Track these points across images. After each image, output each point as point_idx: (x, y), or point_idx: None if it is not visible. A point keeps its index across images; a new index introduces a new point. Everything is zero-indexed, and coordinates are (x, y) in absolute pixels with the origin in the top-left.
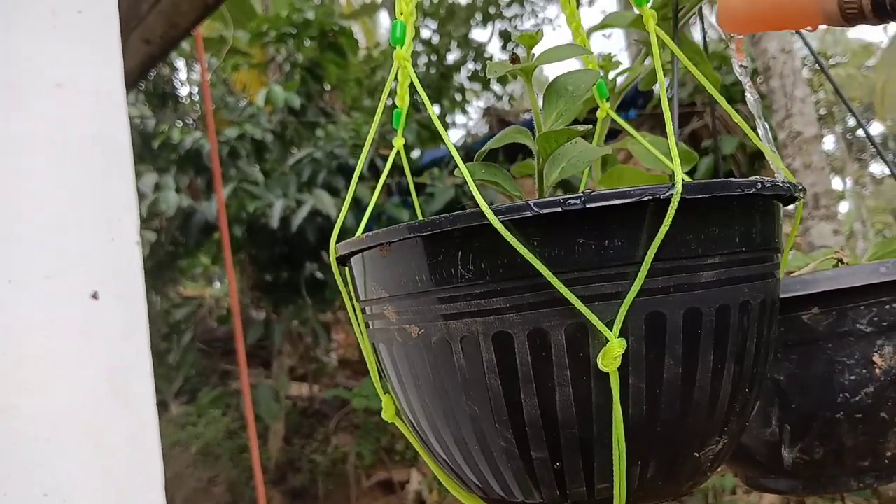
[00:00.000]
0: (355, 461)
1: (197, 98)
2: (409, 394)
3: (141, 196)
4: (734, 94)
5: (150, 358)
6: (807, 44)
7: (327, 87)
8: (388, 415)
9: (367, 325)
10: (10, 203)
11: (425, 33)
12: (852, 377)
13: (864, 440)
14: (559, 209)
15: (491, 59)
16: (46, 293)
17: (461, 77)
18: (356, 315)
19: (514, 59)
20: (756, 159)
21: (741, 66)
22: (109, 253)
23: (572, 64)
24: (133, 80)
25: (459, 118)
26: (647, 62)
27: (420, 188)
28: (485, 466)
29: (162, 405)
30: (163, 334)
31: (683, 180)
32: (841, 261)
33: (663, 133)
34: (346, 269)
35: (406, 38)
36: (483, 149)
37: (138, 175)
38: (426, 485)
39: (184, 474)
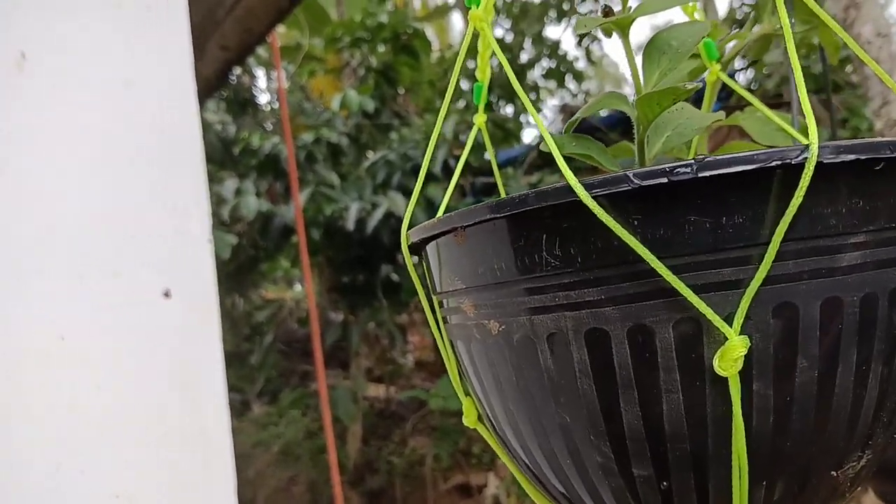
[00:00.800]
0: (432, 464)
1: (276, 105)
2: (490, 398)
3: (222, 201)
4: (824, 84)
5: (222, 357)
6: None
7: (401, 91)
8: (469, 419)
9: (444, 321)
10: (80, 200)
11: (498, 32)
12: None
13: None
14: (665, 179)
15: (565, 56)
16: (117, 291)
17: (535, 75)
18: (431, 309)
19: (608, 11)
20: None
21: None
22: (181, 251)
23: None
24: (212, 86)
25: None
26: (755, 28)
27: (491, 189)
28: (578, 482)
29: (244, 405)
30: (245, 336)
31: (827, 142)
32: None
33: None
34: (422, 261)
35: None
36: (574, 118)
37: (220, 180)
38: (504, 489)
39: (265, 474)
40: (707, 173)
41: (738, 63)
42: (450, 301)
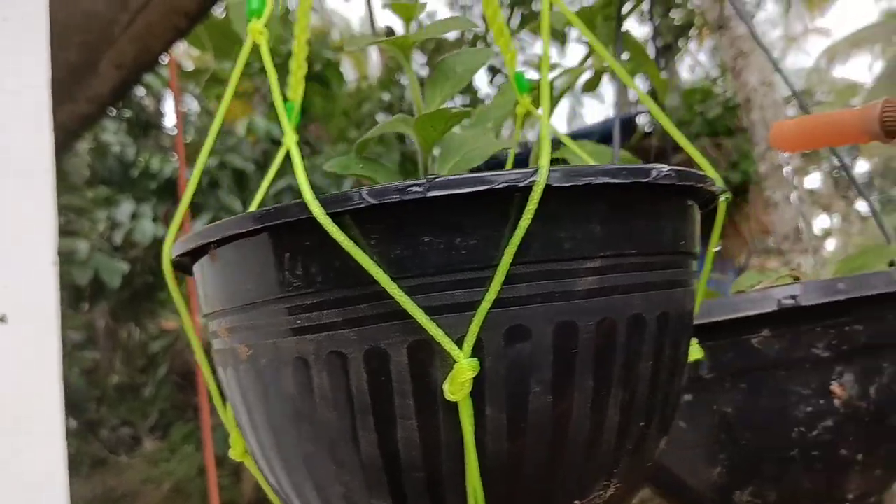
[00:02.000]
0: None
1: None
2: (245, 428)
3: (117, 225)
4: (718, 126)
5: (61, 385)
6: (787, 81)
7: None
8: (236, 452)
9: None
10: None
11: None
12: (808, 409)
13: (822, 481)
14: (396, 198)
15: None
16: None
17: None
18: (193, 333)
19: (389, 31)
20: (739, 192)
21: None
22: (20, 275)
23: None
24: (105, 104)
25: None
26: (588, 62)
27: None
28: None
29: (135, 440)
30: (140, 367)
31: (555, 167)
32: (797, 279)
33: None
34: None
35: (265, 9)
36: (363, 138)
37: (116, 203)
38: None
39: None
40: (437, 193)
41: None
42: (212, 324)
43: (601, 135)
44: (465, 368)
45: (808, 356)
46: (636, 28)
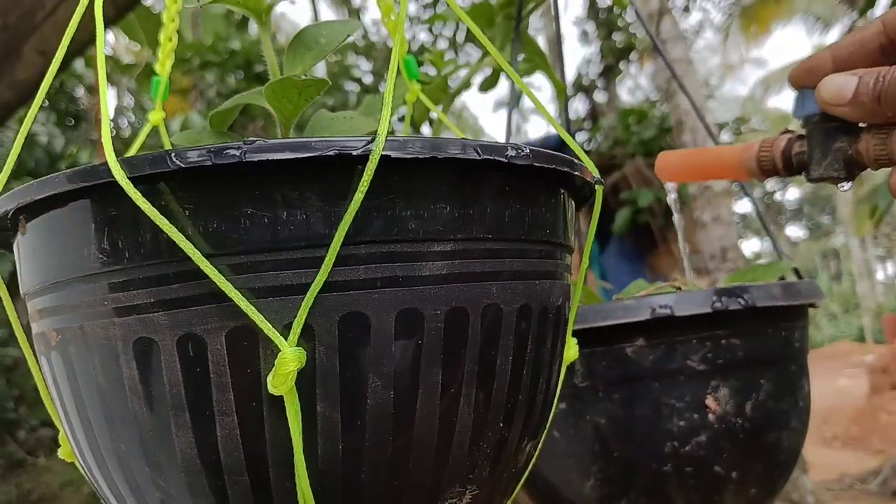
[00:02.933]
0: None
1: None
2: (63, 423)
3: None
4: (653, 147)
5: None
6: (697, 109)
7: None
8: (64, 451)
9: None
10: None
11: (358, 73)
12: (682, 423)
13: (696, 498)
14: (209, 161)
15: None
16: None
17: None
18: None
19: None
20: (670, 214)
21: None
22: None
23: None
24: (28, 91)
25: None
26: (486, 60)
27: None
28: None
29: (55, 442)
30: None
31: (395, 134)
32: (679, 290)
33: None
34: None
35: None
36: (217, 109)
37: None
38: None
39: None
40: (257, 157)
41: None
42: (28, 307)
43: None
44: (289, 359)
45: (682, 368)
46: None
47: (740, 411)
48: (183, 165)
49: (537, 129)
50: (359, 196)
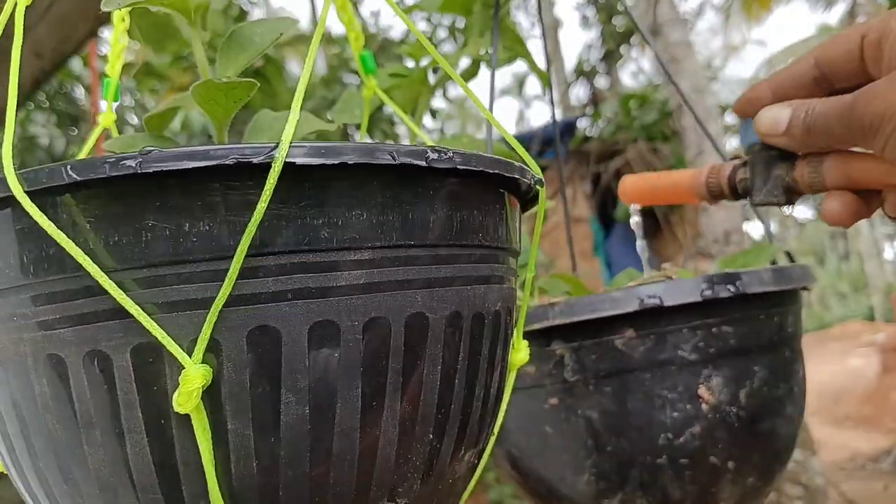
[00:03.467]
0: None
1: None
2: None
3: None
4: (655, 131)
5: None
6: (686, 100)
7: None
8: None
9: None
10: None
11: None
12: (675, 414)
13: (692, 490)
14: (105, 174)
15: None
16: None
17: (389, 110)
18: None
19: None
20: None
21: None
22: None
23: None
24: (24, 92)
25: None
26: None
27: None
28: None
29: None
30: None
31: (303, 141)
32: (669, 279)
33: (587, 171)
34: None
35: None
36: (152, 113)
37: None
38: None
39: None
40: (154, 168)
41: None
42: None
43: (543, 138)
44: (192, 376)
45: (674, 358)
46: (580, 34)
47: (734, 400)
48: (78, 178)
49: (541, 115)
50: (261, 206)
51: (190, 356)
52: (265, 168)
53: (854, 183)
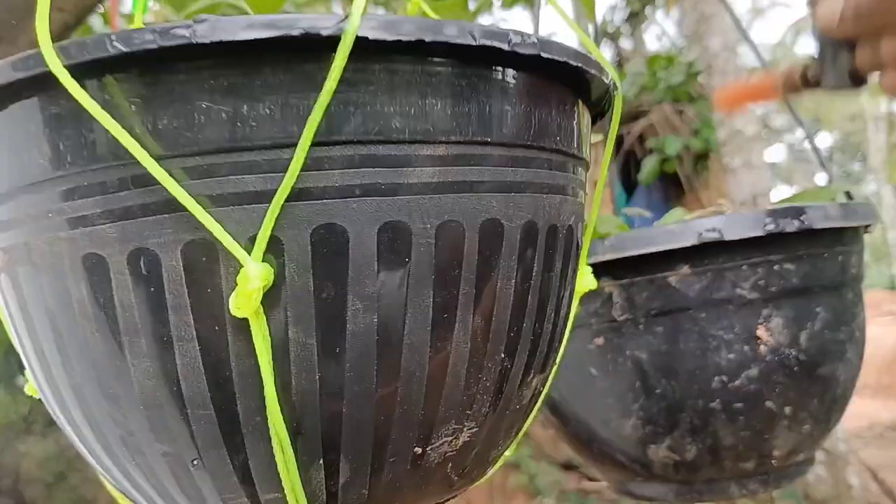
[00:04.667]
0: None
1: None
2: (21, 356)
3: None
4: (681, 93)
5: None
6: (753, 46)
7: None
8: (29, 387)
9: None
10: None
11: None
12: (731, 356)
13: (746, 436)
14: (154, 45)
15: None
16: None
17: None
18: None
19: None
20: (700, 159)
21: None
22: None
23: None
24: None
25: None
26: None
27: None
28: (107, 461)
29: None
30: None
31: (370, 13)
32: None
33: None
34: None
35: None
36: (196, 7)
37: None
38: None
39: None
40: (210, 38)
41: None
42: None
43: None
44: (252, 276)
45: (731, 297)
46: None
47: (794, 342)
48: (125, 49)
49: None
50: (330, 85)
51: (249, 255)
52: (334, 43)
53: None
